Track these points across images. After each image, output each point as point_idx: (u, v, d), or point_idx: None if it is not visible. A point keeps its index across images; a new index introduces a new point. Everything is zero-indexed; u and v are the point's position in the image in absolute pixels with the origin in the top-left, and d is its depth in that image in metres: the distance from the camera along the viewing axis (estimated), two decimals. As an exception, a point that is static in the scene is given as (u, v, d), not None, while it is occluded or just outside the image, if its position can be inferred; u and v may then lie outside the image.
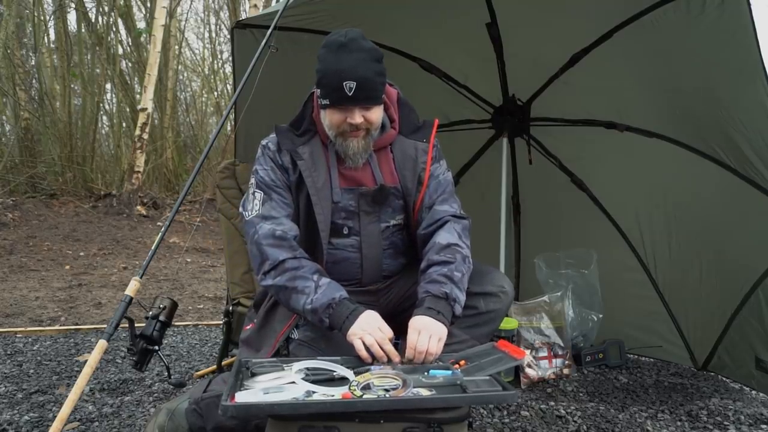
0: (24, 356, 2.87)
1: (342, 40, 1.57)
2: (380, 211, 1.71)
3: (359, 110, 1.58)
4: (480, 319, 1.66)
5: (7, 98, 9.24)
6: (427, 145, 1.74)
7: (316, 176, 1.65)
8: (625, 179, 2.90)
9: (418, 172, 1.72)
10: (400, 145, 1.74)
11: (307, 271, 1.56)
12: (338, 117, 1.59)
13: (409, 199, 1.72)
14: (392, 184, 1.71)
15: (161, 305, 1.73)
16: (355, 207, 1.69)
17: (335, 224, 1.68)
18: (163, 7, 8.31)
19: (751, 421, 2.16)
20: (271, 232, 1.60)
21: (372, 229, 1.70)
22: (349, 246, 1.71)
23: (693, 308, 2.78)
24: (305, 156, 1.66)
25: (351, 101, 1.55)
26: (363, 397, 1.24)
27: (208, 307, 4.38)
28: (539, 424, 2.06)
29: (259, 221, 1.63)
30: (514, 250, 3.32)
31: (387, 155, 1.74)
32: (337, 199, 1.67)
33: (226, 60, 12.43)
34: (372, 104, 1.60)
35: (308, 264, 1.59)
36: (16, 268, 5.52)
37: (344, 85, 1.53)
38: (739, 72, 2.04)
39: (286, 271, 1.56)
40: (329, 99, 1.58)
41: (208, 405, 1.59)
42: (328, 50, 1.59)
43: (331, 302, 1.51)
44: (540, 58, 2.71)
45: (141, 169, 8.43)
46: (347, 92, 1.53)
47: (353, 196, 1.69)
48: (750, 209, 2.31)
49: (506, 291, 1.69)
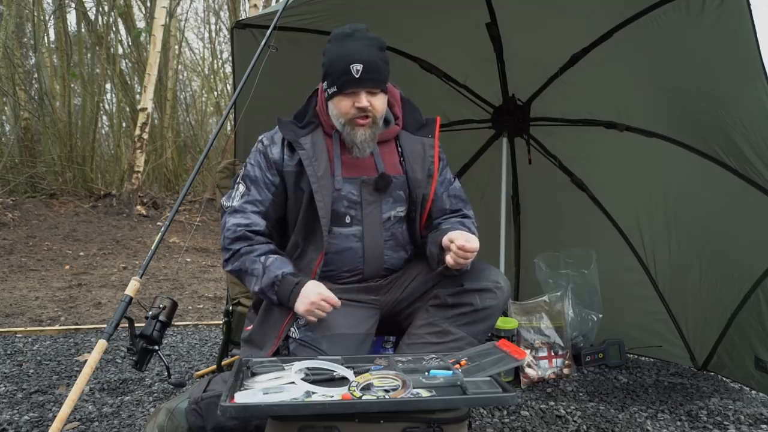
0: (24, 356, 2.87)
1: (347, 31, 1.65)
2: (381, 200, 1.74)
3: (366, 94, 1.63)
4: (476, 316, 1.66)
5: (7, 98, 9.23)
6: (433, 140, 1.81)
7: (316, 165, 1.69)
8: (625, 179, 2.90)
9: (428, 165, 1.78)
10: (407, 140, 1.80)
11: (257, 254, 1.65)
12: (346, 103, 1.65)
13: (418, 191, 1.76)
14: (394, 174, 1.75)
15: (161, 305, 1.73)
16: (357, 196, 1.72)
17: (337, 212, 1.71)
18: (163, 7, 8.31)
19: (751, 421, 2.16)
20: (236, 225, 1.70)
21: (374, 219, 1.72)
22: (351, 235, 1.72)
23: (693, 308, 2.78)
24: (306, 146, 1.71)
25: (358, 83, 1.61)
26: (363, 397, 1.24)
27: (208, 307, 4.38)
28: (539, 424, 2.06)
29: (230, 215, 1.73)
30: (513, 250, 3.32)
31: (392, 148, 1.80)
32: (338, 187, 1.70)
33: (226, 60, 12.44)
34: (377, 88, 1.65)
35: (259, 247, 1.67)
36: (15, 268, 5.51)
37: (351, 68, 1.59)
38: (739, 72, 2.04)
39: (240, 256, 1.67)
40: (336, 85, 1.63)
41: (207, 405, 1.59)
42: (334, 41, 1.66)
43: (274, 281, 1.59)
44: (540, 57, 2.70)
45: (141, 169, 8.42)
46: (354, 74, 1.60)
47: (355, 184, 1.72)
48: (750, 209, 2.30)
49: (501, 287, 1.69)
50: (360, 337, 1.67)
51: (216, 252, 6.95)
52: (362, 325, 1.70)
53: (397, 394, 1.25)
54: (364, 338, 1.69)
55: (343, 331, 1.62)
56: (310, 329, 1.61)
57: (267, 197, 1.74)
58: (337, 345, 1.58)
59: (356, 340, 1.65)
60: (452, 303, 1.67)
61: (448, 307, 1.67)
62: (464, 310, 1.65)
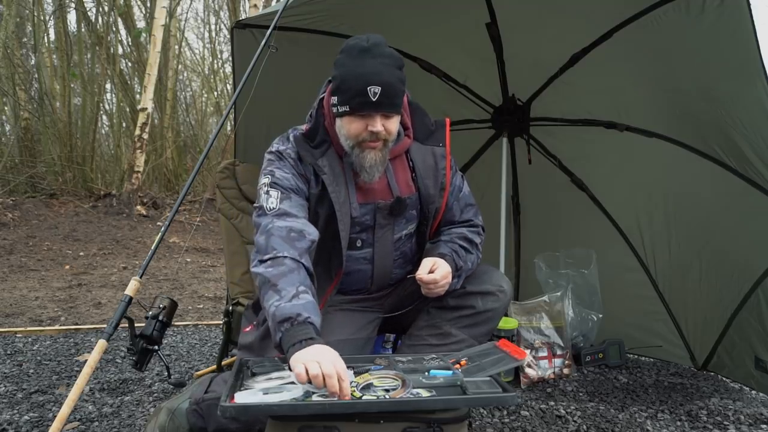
0: (24, 356, 2.87)
1: (364, 45, 1.50)
2: (394, 222, 1.69)
3: (381, 118, 1.50)
4: (478, 318, 1.66)
5: (7, 98, 9.23)
6: (444, 149, 1.72)
7: (338, 191, 1.60)
8: (625, 179, 2.90)
9: (440, 179, 1.70)
10: (419, 152, 1.71)
11: (297, 279, 1.39)
12: (358, 125, 1.52)
13: (431, 207, 1.70)
14: (408, 194, 1.68)
15: (161, 305, 1.73)
16: (370, 221, 1.66)
17: (350, 238, 1.65)
18: (163, 7, 8.31)
19: (751, 421, 2.16)
20: (287, 227, 1.49)
21: (385, 241, 1.69)
22: (361, 258, 1.69)
23: (693, 308, 2.78)
24: (326, 169, 1.60)
25: (374, 107, 1.48)
26: (363, 397, 1.24)
27: (208, 307, 4.38)
28: (539, 424, 2.06)
29: (275, 216, 1.52)
30: (513, 250, 3.32)
31: (403, 163, 1.70)
32: (355, 215, 1.63)
33: (226, 60, 12.44)
34: (394, 112, 1.53)
35: (304, 274, 1.43)
36: (15, 268, 5.51)
37: (368, 90, 1.45)
38: (739, 72, 2.04)
39: (281, 266, 1.41)
40: (349, 105, 1.49)
41: (209, 406, 1.59)
42: (348, 55, 1.51)
43: (294, 317, 1.30)
44: (540, 57, 2.70)
45: (141, 169, 8.42)
46: (371, 97, 1.46)
47: (369, 210, 1.65)
48: (750, 209, 2.30)
49: (504, 290, 1.69)
50: (360, 342, 1.67)
51: (216, 252, 6.95)
52: (363, 330, 1.71)
53: (397, 394, 1.25)
54: (364, 343, 1.69)
55: (344, 337, 1.61)
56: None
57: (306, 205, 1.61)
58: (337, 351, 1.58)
59: (357, 345, 1.65)
60: (454, 305, 1.67)
61: (450, 309, 1.67)
62: (466, 313, 1.65)
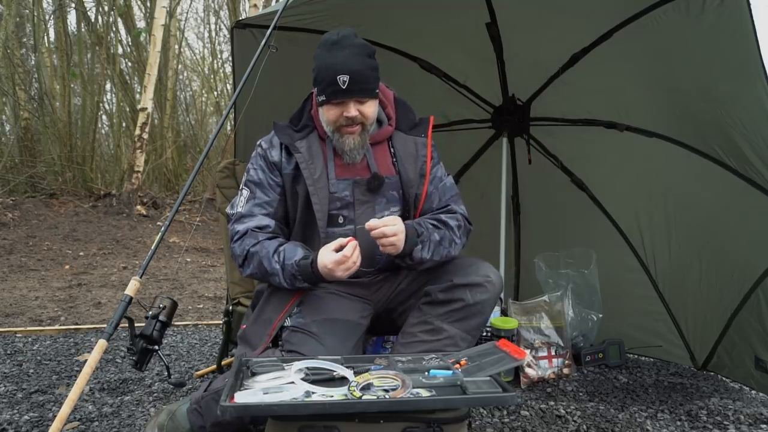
0: (24, 356, 2.86)
1: (334, 38, 1.66)
2: (374, 200, 1.75)
3: (354, 104, 1.65)
4: (468, 311, 1.65)
5: (7, 98, 9.23)
6: (426, 139, 1.81)
7: (312, 168, 1.72)
8: (625, 179, 2.90)
9: (420, 165, 1.79)
10: (400, 140, 1.81)
11: (269, 251, 1.64)
12: (334, 112, 1.67)
13: (411, 191, 1.77)
14: (387, 174, 1.77)
15: (161, 305, 1.73)
16: (350, 196, 1.74)
17: (331, 214, 1.73)
18: (163, 7, 8.31)
19: (751, 420, 2.16)
20: (244, 230, 1.70)
21: (366, 219, 1.71)
22: (344, 235, 1.71)
23: (693, 308, 2.78)
24: (302, 149, 1.73)
25: (345, 94, 1.63)
26: (362, 397, 1.24)
27: (208, 307, 4.38)
28: (539, 424, 2.06)
29: (237, 222, 1.73)
30: (513, 250, 3.32)
31: (384, 149, 1.81)
32: (333, 190, 1.72)
33: (226, 60, 12.43)
34: (366, 97, 1.67)
35: (268, 243, 1.66)
36: (15, 268, 5.51)
37: (338, 79, 1.61)
38: (739, 72, 2.04)
39: (253, 256, 1.66)
40: (325, 94, 1.66)
41: (207, 402, 1.60)
42: (322, 49, 1.68)
43: (294, 273, 1.61)
44: (540, 57, 2.71)
45: (141, 169, 8.42)
46: (341, 85, 1.61)
47: (348, 185, 1.74)
48: (750, 209, 2.30)
49: (492, 280, 1.68)
50: (351, 324, 1.68)
51: (216, 252, 6.95)
52: (353, 313, 1.71)
53: (396, 393, 1.25)
54: (354, 326, 1.69)
55: (334, 316, 1.65)
56: (302, 315, 1.64)
57: (274, 197, 1.76)
58: (327, 328, 1.61)
59: (347, 326, 1.66)
60: (443, 299, 1.66)
61: (440, 304, 1.67)
62: (456, 306, 1.65)
